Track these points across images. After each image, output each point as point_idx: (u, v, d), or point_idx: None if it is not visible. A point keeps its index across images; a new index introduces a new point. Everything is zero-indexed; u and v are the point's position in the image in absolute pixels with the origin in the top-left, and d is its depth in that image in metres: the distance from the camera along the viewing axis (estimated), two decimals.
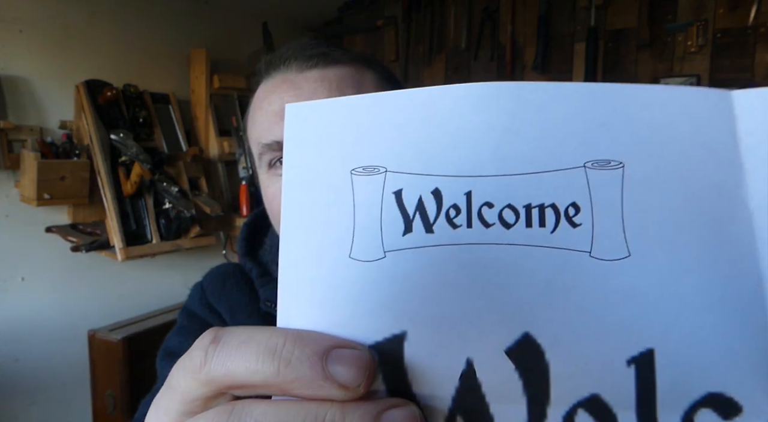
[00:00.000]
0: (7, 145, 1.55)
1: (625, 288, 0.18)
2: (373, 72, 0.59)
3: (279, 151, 0.55)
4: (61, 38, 1.67)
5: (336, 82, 0.55)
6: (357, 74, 0.57)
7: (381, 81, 0.59)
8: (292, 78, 0.57)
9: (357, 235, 0.19)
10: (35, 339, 1.64)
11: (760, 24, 1.59)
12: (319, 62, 0.56)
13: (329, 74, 0.56)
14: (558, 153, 0.18)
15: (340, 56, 0.58)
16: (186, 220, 1.72)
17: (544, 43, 1.90)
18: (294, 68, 0.57)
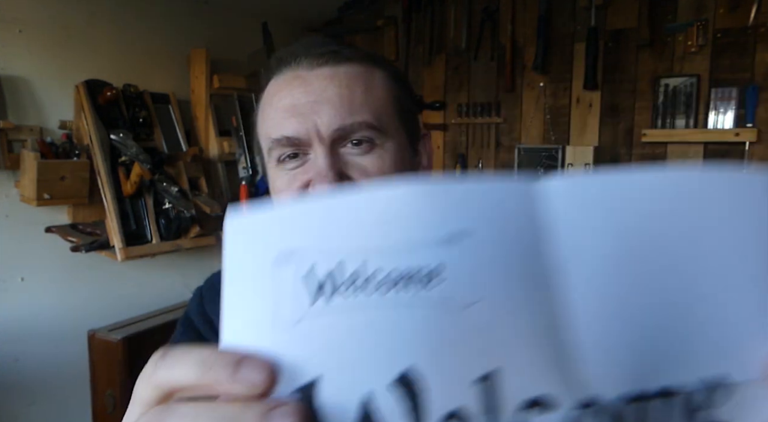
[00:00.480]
0: (7, 145, 1.55)
1: (474, 326, 0.25)
2: (382, 71, 0.60)
3: (288, 146, 0.57)
4: (61, 38, 1.67)
5: (345, 80, 0.57)
6: (366, 73, 0.58)
7: (389, 79, 0.60)
8: (303, 75, 0.58)
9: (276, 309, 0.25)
10: (35, 339, 1.64)
11: (760, 24, 1.59)
12: (329, 60, 0.57)
13: (339, 72, 0.57)
14: (419, 238, 0.25)
15: (350, 54, 0.59)
16: (186, 220, 1.72)
17: (544, 43, 1.90)
18: (304, 65, 0.58)
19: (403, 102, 0.61)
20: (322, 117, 0.55)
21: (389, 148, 0.58)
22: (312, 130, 0.56)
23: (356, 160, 0.57)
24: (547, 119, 1.96)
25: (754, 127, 1.58)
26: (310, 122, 0.56)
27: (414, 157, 0.63)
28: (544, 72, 1.93)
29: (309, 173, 0.57)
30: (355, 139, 0.56)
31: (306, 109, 0.56)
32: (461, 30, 2.11)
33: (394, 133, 0.59)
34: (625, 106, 1.82)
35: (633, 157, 1.82)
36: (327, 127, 0.55)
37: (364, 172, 0.57)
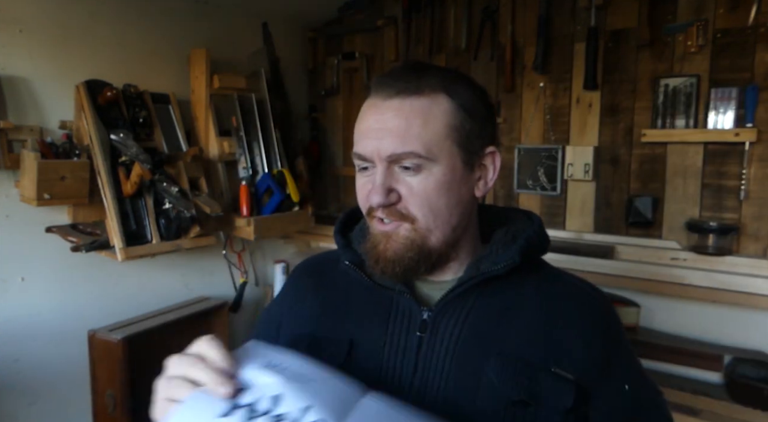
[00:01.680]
0: (7, 145, 1.55)
1: None
2: (449, 100, 0.72)
3: (361, 160, 0.74)
4: (61, 38, 1.67)
5: (407, 113, 0.70)
6: (430, 105, 0.71)
7: (453, 109, 0.72)
8: (379, 104, 0.73)
9: None
10: (35, 339, 1.64)
11: (760, 24, 1.59)
12: (400, 92, 0.71)
13: (405, 105, 0.71)
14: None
15: (420, 86, 0.71)
16: (186, 220, 1.72)
17: (544, 43, 1.90)
18: (382, 95, 0.72)
19: (462, 129, 0.73)
20: (383, 143, 0.71)
21: (436, 171, 0.71)
22: (375, 152, 0.71)
23: (406, 178, 0.72)
24: (547, 119, 1.96)
25: (754, 127, 1.58)
26: (374, 146, 0.71)
27: (470, 173, 0.75)
28: (544, 72, 1.93)
29: (371, 184, 0.73)
30: (405, 164, 0.71)
31: (374, 134, 0.72)
32: (461, 30, 2.11)
33: (445, 157, 0.72)
34: (625, 106, 1.82)
35: (633, 157, 1.82)
36: (385, 151, 0.71)
37: (409, 189, 0.72)
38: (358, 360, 0.75)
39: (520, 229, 0.80)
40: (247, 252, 2.24)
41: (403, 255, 0.73)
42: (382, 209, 0.72)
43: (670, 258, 1.69)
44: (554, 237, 1.94)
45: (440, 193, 0.72)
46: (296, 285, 0.88)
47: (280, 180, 1.99)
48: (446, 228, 0.74)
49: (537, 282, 0.78)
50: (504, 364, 0.71)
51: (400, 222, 0.73)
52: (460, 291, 0.74)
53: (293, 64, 2.47)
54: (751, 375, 1.57)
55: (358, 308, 0.80)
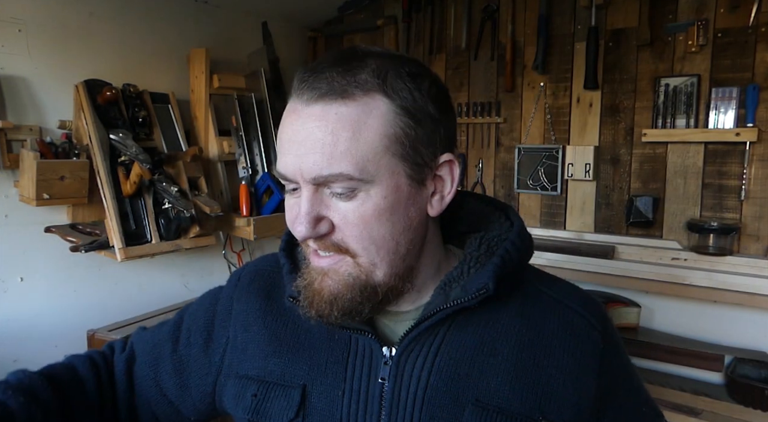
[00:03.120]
0: (7, 145, 1.54)
1: None
2: (387, 102, 0.57)
3: (286, 181, 0.60)
4: (61, 38, 1.66)
5: (332, 124, 0.56)
6: (361, 112, 0.56)
7: (392, 114, 0.57)
8: (299, 109, 0.58)
9: None
10: (34, 340, 1.64)
11: (761, 24, 1.59)
12: (324, 96, 0.56)
13: (329, 113, 0.56)
14: None
15: (348, 88, 0.56)
16: (185, 220, 1.71)
17: (545, 43, 1.90)
18: (303, 98, 0.57)
19: (405, 138, 0.58)
20: (306, 162, 0.56)
21: (374, 194, 0.57)
22: (297, 172, 0.58)
23: (338, 204, 0.58)
24: (547, 119, 1.96)
25: (755, 127, 1.58)
26: (296, 164, 0.57)
27: (420, 189, 0.61)
28: (544, 72, 1.93)
29: (296, 209, 0.60)
30: (336, 187, 0.57)
31: (294, 149, 0.57)
32: (461, 29, 2.10)
33: (385, 176, 0.57)
34: (625, 105, 1.82)
35: (633, 156, 1.82)
36: (308, 172, 0.57)
37: (344, 217, 0.58)
38: (313, 412, 0.65)
39: (496, 238, 0.68)
40: (247, 252, 2.24)
41: (343, 295, 0.60)
42: (315, 242, 0.60)
43: (671, 258, 1.69)
44: (554, 237, 1.94)
45: (381, 220, 0.58)
46: (245, 305, 0.75)
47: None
48: (394, 259, 0.61)
49: (519, 306, 0.67)
50: (482, 417, 0.61)
51: (340, 257, 0.60)
52: (426, 325, 0.63)
53: (293, 64, 2.46)
54: (752, 375, 1.57)
55: (310, 346, 0.68)
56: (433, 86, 0.61)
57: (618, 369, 0.70)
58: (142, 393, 0.78)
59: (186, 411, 0.78)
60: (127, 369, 0.78)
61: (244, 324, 0.73)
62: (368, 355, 0.65)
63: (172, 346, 0.78)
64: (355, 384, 0.64)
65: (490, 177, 2.10)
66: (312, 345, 0.68)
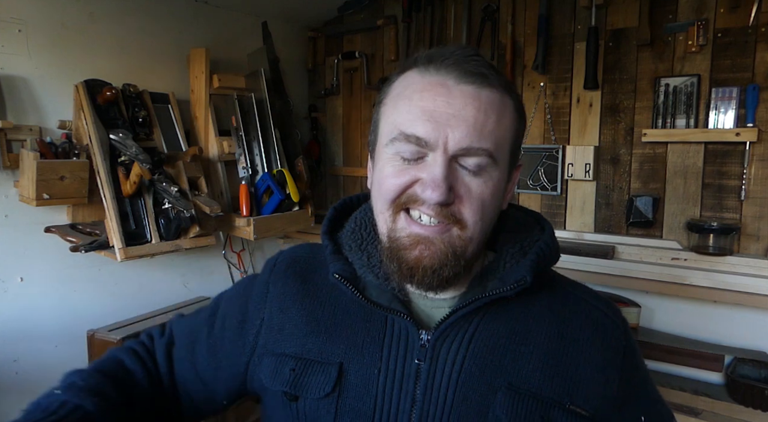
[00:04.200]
0: (7, 145, 1.54)
1: None
2: (512, 101, 0.66)
3: (414, 144, 0.62)
4: (61, 38, 1.66)
5: (485, 104, 0.62)
6: (503, 102, 0.64)
7: (516, 113, 0.66)
8: (450, 85, 0.62)
9: None
10: (34, 340, 1.64)
11: (761, 24, 1.59)
12: (476, 80, 0.62)
13: (482, 94, 0.62)
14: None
15: (494, 80, 0.63)
16: (185, 220, 1.71)
17: (545, 43, 1.90)
18: (453, 76, 0.62)
19: (518, 137, 0.67)
20: (455, 132, 0.60)
21: (494, 176, 0.64)
22: (441, 138, 0.60)
23: (466, 178, 0.62)
24: (547, 119, 1.96)
25: (755, 127, 1.58)
26: (442, 132, 0.60)
27: (507, 184, 0.69)
28: (544, 72, 1.93)
29: (423, 173, 0.62)
30: (473, 160, 0.62)
31: (443, 118, 0.61)
32: (461, 29, 2.10)
33: (503, 163, 0.65)
34: (625, 105, 1.82)
35: (633, 156, 1.82)
36: (456, 142, 0.60)
37: (468, 190, 0.62)
38: (349, 388, 0.68)
39: (530, 240, 0.72)
40: (247, 252, 2.24)
41: (445, 265, 0.63)
42: (433, 207, 0.62)
43: (671, 258, 1.69)
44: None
45: (492, 200, 0.64)
46: (280, 290, 0.77)
47: (280, 180, 1.98)
48: (483, 238, 0.67)
49: (548, 301, 0.71)
50: (514, 400, 0.64)
51: (448, 226, 0.63)
52: (463, 312, 0.66)
53: (293, 64, 2.47)
54: (752, 375, 1.57)
55: (348, 326, 0.71)
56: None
57: (638, 369, 0.73)
58: (180, 374, 0.82)
59: (219, 394, 0.81)
60: (167, 353, 0.83)
61: (281, 306, 0.76)
62: (404, 337, 0.68)
63: (208, 330, 0.82)
64: (391, 363, 0.67)
65: None
66: (349, 325, 0.71)
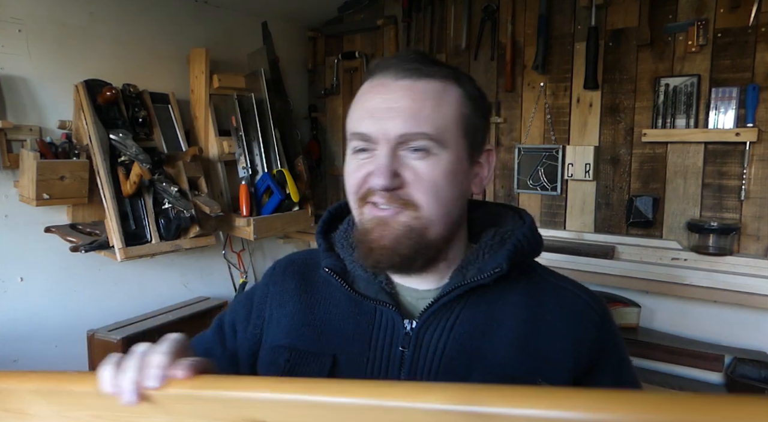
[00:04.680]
0: (7, 145, 1.54)
1: None
2: (459, 89, 0.70)
3: (361, 140, 0.69)
4: (61, 38, 1.66)
5: (420, 94, 0.67)
6: (441, 90, 0.69)
7: (463, 98, 0.70)
8: (387, 83, 0.69)
9: None
10: (34, 340, 1.64)
11: (761, 24, 1.59)
12: (412, 74, 0.68)
13: (417, 86, 0.68)
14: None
15: (431, 72, 0.69)
16: (185, 220, 1.71)
17: (545, 43, 1.90)
18: (391, 75, 0.69)
19: (470, 119, 0.71)
20: (392, 123, 0.66)
21: (444, 158, 0.67)
22: (381, 131, 0.67)
23: (412, 163, 0.67)
24: (547, 119, 1.96)
25: (755, 127, 1.58)
26: (381, 125, 0.67)
27: (471, 167, 0.73)
28: (544, 71, 1.93)
29: (372, 165, 0.68)
30: (414, 146, 0.66)
31: (381, 113, 0.67)
32: (461, 29, 2.10)
33: (453, 145, 0.68)
34: (625, 105, 1.82)
35: (633, 156, 1.82)
36: (393, 131, 0.66)
37: (415, 174, 0.67)
38: (340, 377, 0.72)
39: (510, 231, 0.76)
40: (247, 252, 2.24)
41: (402, 243, 0.67)
42: (382, 194, 0.67)
43: (671, 258, 1.69)
44: (554, 237, 1.94)
45: (447, 181, 0.67)
46: (280, 287, 0.83)
47: (280, 180, 1.98)
48: (447, 221, 0.70)
49: (525, 288, 0.74)
50: (487, 379, 0.68)
51: (400, 209, 0.67)
52: (444, 301, 0.71)
53: (293, 64, 2.47)
54: (752, 375, 1.57)
55: (339, 319, 0.76)
56: (481, 90, 0.75)
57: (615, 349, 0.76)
58: None
59: None
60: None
61: (280, 301, 0.81)
62: (390, 327, 0.72)
63: (221, 347, 0.85)
64: (378, 352, 0.72)
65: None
66: (341, 318, 0.76)
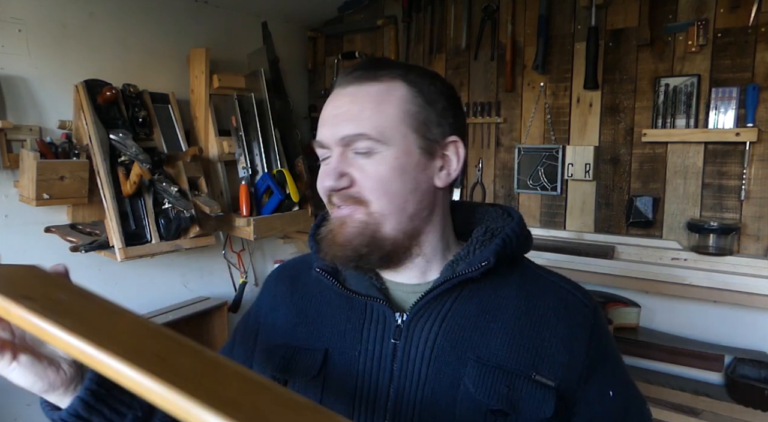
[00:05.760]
0: (7, 145, 1.54)
1: None
2: (406, 88, 0.72)
3: (321, 148, 0.74)
4: (61, 38, 1.66)
5: (361, 98, 0.71)
6: (384, 91, 0.71)
7: (411, 96, 0.72)
8: (338, 92, 0.73)
9: None
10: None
11: (761, 24, 1.59)
12: (358, 79, 0.72)
13: (360, 91, 0.71)
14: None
15: (375, 75, 0.72)
16: (185, 220, 1.71)
17: (545, 43, 1.90)
18: (342, 83, 0.73)
19: (418, 115, 0.72)
20: (338, 128, 0.71)
21: (388, 155, 0.70)
22: (330, 137, 0.72)
23: (359, 162, 0.70)
24: (547, 119, 1.96)
25: (755, 127, 1.58)
26: (330, 131, 0.72)
27: (429, 161, 0.73)
28: (544, 71, 1.93)
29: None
30: (358, 146, 0.70)
31: (330, 120, 0.72)
32: (461, 29, 2.10)
33: (399, 141, 0.70)
34: (625, 105, 1.82)
35: (633, 156, 1.82)
36: (337, 135, 0.71)
37: (362, 172, 0.70)
38: (333, 370, 0.74)
39: (499, 227, 0.77)
40: (247, 252, 2.24)
41: (353, 240, 0.70)
42: (335, 193, 0.71)
43: (671, 258, 1.69)
44: (554, 237, 1.94)
45: (394, 176, 0.70)
46: (271, 293, 0.87)
47: (280, 180, 1.98)
48: (401, 215, 0.71)
49: (518, 283, 0.76)
50: (481, 372, 0.69)
51: (354, 207, 0.71)
52: (435, 294, 0.72)
53: (293, 64, 2.47)
54: (752, 375, 1.57)
55: (332, 316, 0.78)
56: (443, 84, 0.76)
57: (606, 348, 0.76)
58: None
59: None
60: None
61: (272, 306, 0.84)
62: (382, 321, 0.74)
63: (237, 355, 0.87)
64: (370, 345, 0.73)
65: (490, 177, 2.10)
66: (333, 315, 0.78)
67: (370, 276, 0.76)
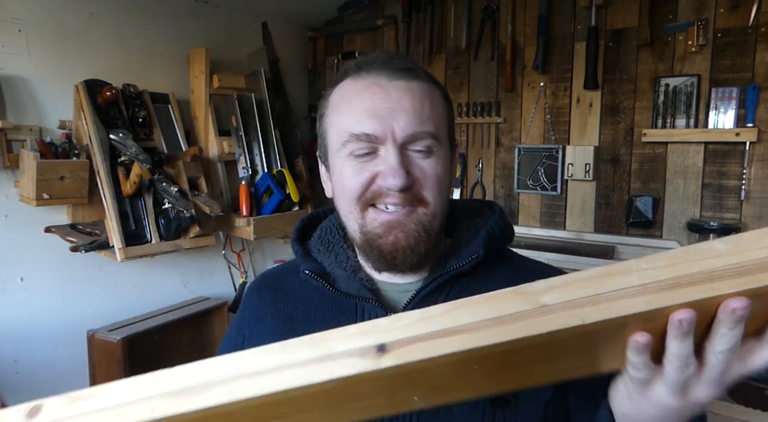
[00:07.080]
0: (7, 145, 1.54)
1: None
2: (439, 90, 0.73)
3: (365, 141, 0.68)
4: (61, 38, 1.66)
5: (418, 94, 0.68)
6: (432, 90, 0.71)
7: (444, 99, 0.74)
8: (383, 83, 0.69)
9: None
10: (34, 340, 1.64)
11: (761, 24, 1.59)
12: (406, 75, 0.69)
13: (413, 86, 0.69)
14: None
15: (420, 73, 0.71)
16: (185, 220, 1.71)
17: (545, 43, 1.90)
18: (384, 76, 0.69)
19: (450, 118, 0.75)
20: (399, 122, 0.66)
21: (441, 156, 0.70)
22: (388, 131, 0.67)
23: (419, 161, 0.68)
24: (547, 119, 1.96)
25: (755, 127, 1.58)
26: (387, 125, 0.67)
27: (451, 164, 0.75)
28: (544, 72, 1.93)
29: (379, 167, 0.68)
30: (420, 145, 0.68)
31: (385, 113, 0.67)
32: (461, 29, 2.10)
33: (445, 143, 0.71)
34: (625, 105, 1.82)
35: (633, 156, 1.82)
36: (402, 131, 0.67)
37: (423, 172, 0.68)
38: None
39: (482, 222, 0.78)
40: (247, 252, 2.24)
41: (419, 242, 0.69)
42: (396, 194, 0.67)
43: None
44: (554, 237, 1.94)
45: (444, 176, 0.70)
46: (254, 305, 0.84)
47: (280, 180, 1.99)
48: (444, 214, 0.73)
49: (505, 275, 0.76)
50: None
51: (413, 208, 0.69)
52: (427, 291, 0.71)
53: (293, 64, 2.47)
54: (752, 375, 1.57)
55: (321, 320, 0.76)
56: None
57: None
58: None
59: None
60: None
61: (256, 317, 0.81)
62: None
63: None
64: None
65: (490, 177, 2.10)
66: (322, 319, 0.76)
67: (360, 277, 0.75)
